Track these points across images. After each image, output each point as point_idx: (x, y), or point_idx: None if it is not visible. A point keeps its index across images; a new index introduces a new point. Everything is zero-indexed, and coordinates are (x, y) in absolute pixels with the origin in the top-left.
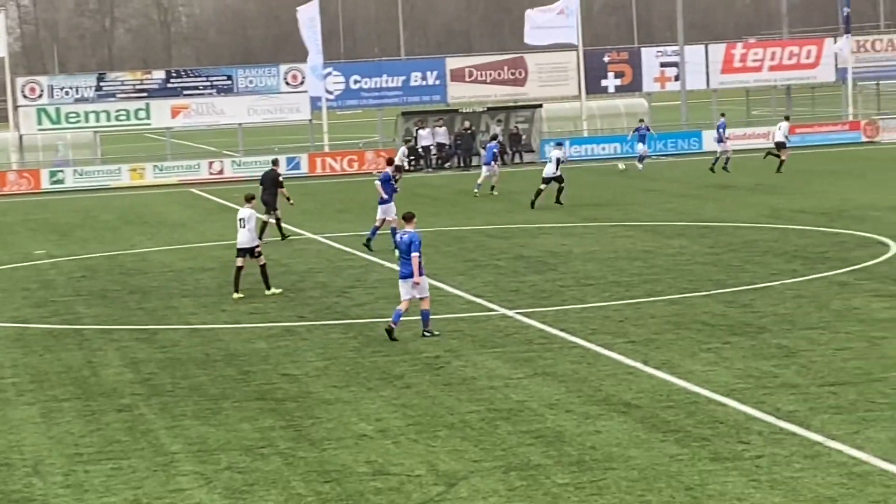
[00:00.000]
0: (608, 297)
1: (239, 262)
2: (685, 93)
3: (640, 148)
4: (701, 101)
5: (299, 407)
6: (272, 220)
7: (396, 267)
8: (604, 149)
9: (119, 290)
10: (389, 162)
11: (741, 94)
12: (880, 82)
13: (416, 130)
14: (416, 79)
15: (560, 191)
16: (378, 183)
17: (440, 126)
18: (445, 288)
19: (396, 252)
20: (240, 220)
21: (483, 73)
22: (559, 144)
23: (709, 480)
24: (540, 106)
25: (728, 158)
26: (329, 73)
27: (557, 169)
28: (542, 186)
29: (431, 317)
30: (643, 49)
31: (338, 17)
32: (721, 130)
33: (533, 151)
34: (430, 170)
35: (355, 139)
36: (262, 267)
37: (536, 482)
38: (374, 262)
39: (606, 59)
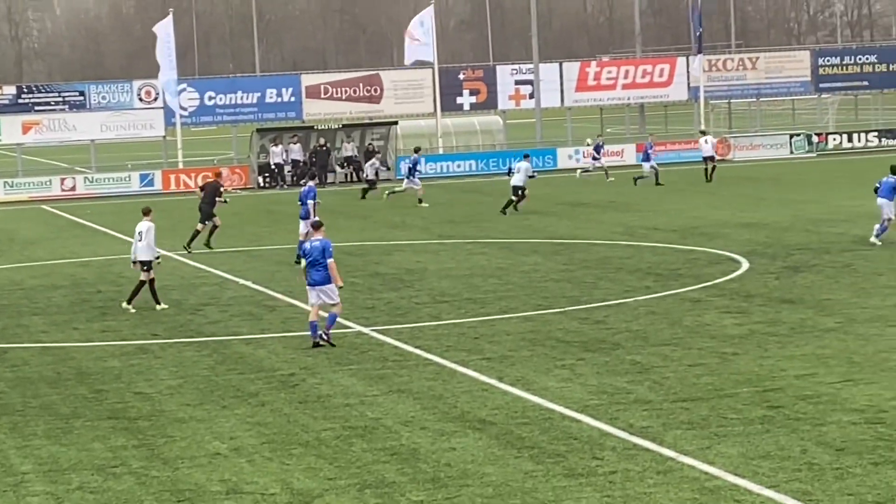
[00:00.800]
0: (463, 314)
1: (143, 276)
2: (540, 110)
3: (601, 161)
4: (555, 119)
5: (152, 426)
6: (200, 226)
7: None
8: (459, 166)
9: None
10: (312, 177)
11: (595, 111)
12: (731, 101)
13: (271, 147)
14: (271, 95)
15: (519, 200)
16: (311, 203)
17: (295, 143)
18: (301, 305)
19: (302, 262)
20: (137, 232)
21: (338, 90)
22: (526, 156)
23: (563, 496)
24: (395, 123)
25: (657, 173)
26: (183, 90)
27: (525, 180)
28: (513, 197)
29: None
30: (498, 67)
31: (192, 33)
32: (650, 150)
33: (388, 168)
34: (284, 186)
35: (210, 156)
36: (142, 283)
37: (391, 500)
38: (228, 280)
39: (462, 76)
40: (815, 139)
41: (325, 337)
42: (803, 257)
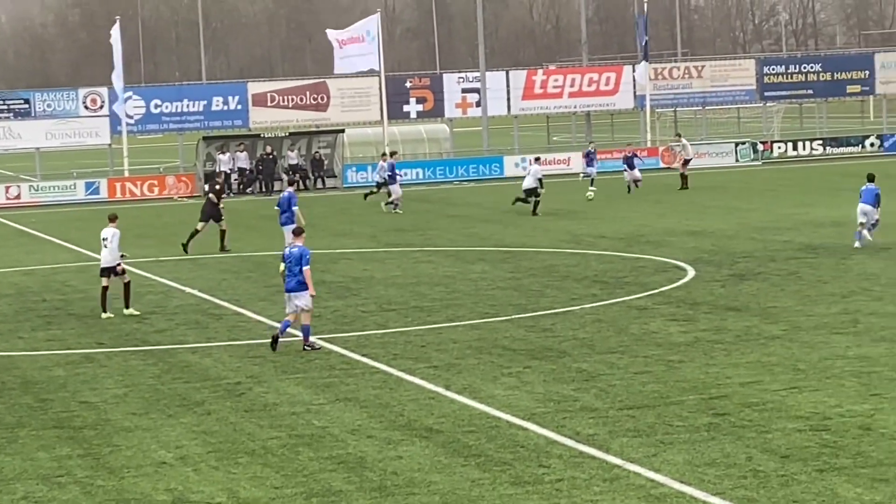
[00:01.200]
0: (410, 322)
1: (104, 281)
2: (486, 119)
3: (590, 171)
4: (502, 127)
5: (98, 435)
6: (220, 226)
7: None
8: (405, 174)
9: None
10: (291, 183)
11: (542, 120)
12: (677, 109)
13: (218, 155)
14: (217, 103)
15: (536, 204)
16: (297, 209)
17: (241, 151)
18: (247, 314)
19: (281, 267)
20: (103, 239)
21: (285, 98)
22: (537, 159)
23: None
24: (342, 131)
25: (638, 183)
26: (129, 97)
27: (539, 183)
28: (529, 199)
29: (285, 335)
30: (445, 75)
31: (138, 41)
32: (635, 160)
33: (335, 177)
34: (231, 195)
35: (156, 164)
36: (126, 285)
37: None
38: (173, 288)
39: (408, 84)
40: (760, 147)
41: (306, 348)
42: (749, 265)
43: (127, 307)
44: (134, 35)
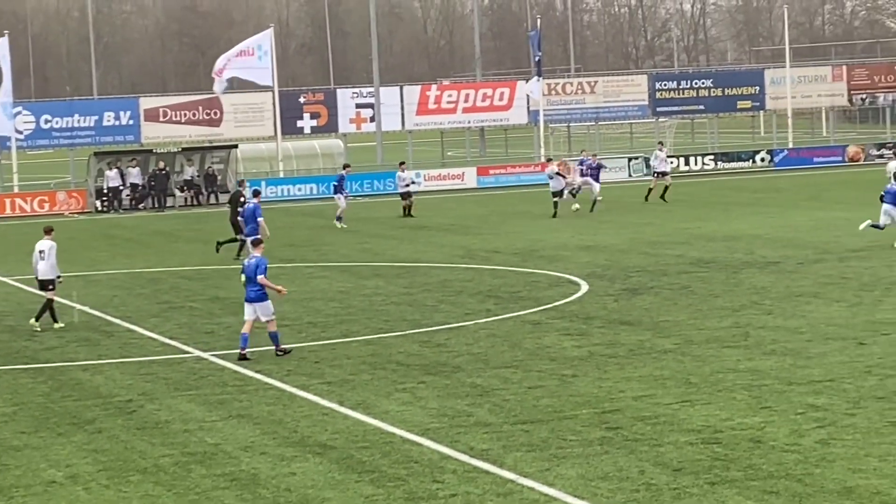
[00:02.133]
0: (304, 338)
1: (47, 294)
2: (381, 134)
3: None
4: (396, 143)
5: None
6: (241, 238)
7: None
8: (300, 189)
9: None
10: (256, 193)
11: (436, 135)
12: (571, 124)
13: (106, 171)
14: (108, 118)
15: (556, 205)
16: (261, 220)
17: (134, 166)
18: (139, 331)
19: (242, 277)
20: (39, 251)
21: (177, 113)
22: (550, 160)
23: None
24: (235, 146)
25: (578, 190)
26: (19, 113)
27: (561, 183)
28: (561, 199)
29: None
30: (339, 90)
31: (28, 55)
32: (584, 167)
33: (229, 192)
34: (121, 210)
35: (47, 179)
36: (49, 301)
37: None
38: (64, 306)
39: (302, 99)
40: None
41: (279, 353)
42: (641, 279)
43: (37, 320)
44: (24, 49)
